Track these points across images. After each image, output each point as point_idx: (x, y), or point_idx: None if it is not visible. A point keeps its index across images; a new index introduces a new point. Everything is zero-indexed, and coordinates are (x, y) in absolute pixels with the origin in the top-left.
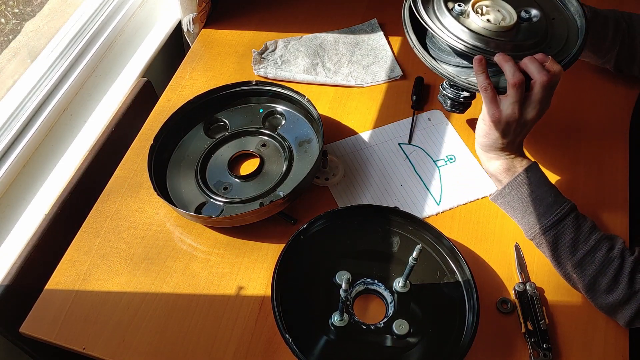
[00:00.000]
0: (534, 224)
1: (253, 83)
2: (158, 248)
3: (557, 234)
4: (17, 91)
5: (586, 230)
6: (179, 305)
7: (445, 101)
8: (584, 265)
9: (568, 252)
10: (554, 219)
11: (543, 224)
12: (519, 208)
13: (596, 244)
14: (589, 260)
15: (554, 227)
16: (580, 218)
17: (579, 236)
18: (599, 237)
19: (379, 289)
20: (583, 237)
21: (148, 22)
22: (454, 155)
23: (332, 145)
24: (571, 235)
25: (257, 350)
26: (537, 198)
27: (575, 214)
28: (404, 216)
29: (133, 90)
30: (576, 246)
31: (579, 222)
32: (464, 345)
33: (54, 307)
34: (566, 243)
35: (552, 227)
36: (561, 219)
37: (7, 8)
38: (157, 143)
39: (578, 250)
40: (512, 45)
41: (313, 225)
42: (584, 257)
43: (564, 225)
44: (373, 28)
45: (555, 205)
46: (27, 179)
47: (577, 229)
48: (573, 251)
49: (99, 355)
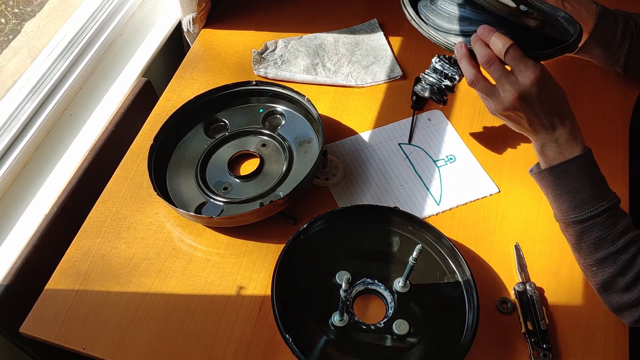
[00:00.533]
0: (563, 213)
1: (253, 83)
2: (158, 248)
3: (583, 229)
4: (17, 91)
5: (618, 231)
6: (179, 305)
7: (423, 89)
8: (605, 264)
9: (591, 249)
10: (583, 216)
11: (570, 217)
12: (553, 193)
13: (624, 246)
14: (611, 260)
15: (580, 223)
16: (615, 217)
17: (607, 236)
18: (629, 240)
19: (379, 289)
20: (612, 237)
21: (148, 22)
22: (454, 155)
23: (332, 145)
24: (598, 234)
25: (257, 350)
26: (573, 191)
27: (609, 213)
28: (404, 216)
29: (133, 90)
30: (601, 244)
31: (612, 221)
32: (464, 345)
33: (54, 307)
34: (591, 240)
35: (579, 223)
36: (590, 218)
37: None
38: (157, 143)
39: (602, 248)
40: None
41: (313, 225)
42: (607, 256)
43: (593, 224)
44: (373, 28)
45: (590, 203)
46: (27, 179)
47: (607, 228)
48: (597, 248)
49: (99, 355)
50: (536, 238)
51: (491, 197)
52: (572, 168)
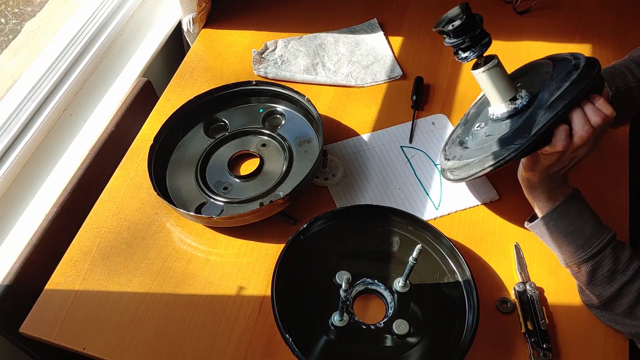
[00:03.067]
0: (571, 255)
1: (253, 83)
2: (158, 248)
3: (595, 265)
4: (17, 91)
5: (625, 261)
6: (179, 305)
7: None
8: (622, 295)
9: (605, 283)
10: (593, 251)
11: (580, 256)
12: (556, 239)
13: (635, 274)
14: (627, 290)
15: (591, 259)
16: (619, 248)
17: (617, 267)
18: (637, 267)
19: (379, 289)
20: (621, 267)
21: (148, 22)
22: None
23: (333, 145)
24: (609, 267)
25: (257, 350)
26: (576, 230)
27: (613, 244)
28: (404, 216)
29: (133, 90)
30: (614, 277)
31: (617, 252)
32: (464, 345)
33: (54, 307)
34: (604, 274)
35: (590, 259)
36: (599, 252)
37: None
38: (157, 143)
39: (616, 280)
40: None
41: (313, 225)
42: (622, 287)
43: (602, 257)
44: (373, 28)
45: (594, 237)
46: (27, 179)
47: (616, 260)
48: (611, 281)
49: (99, 355)
50: (536, 238)
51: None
52: (569, 207)
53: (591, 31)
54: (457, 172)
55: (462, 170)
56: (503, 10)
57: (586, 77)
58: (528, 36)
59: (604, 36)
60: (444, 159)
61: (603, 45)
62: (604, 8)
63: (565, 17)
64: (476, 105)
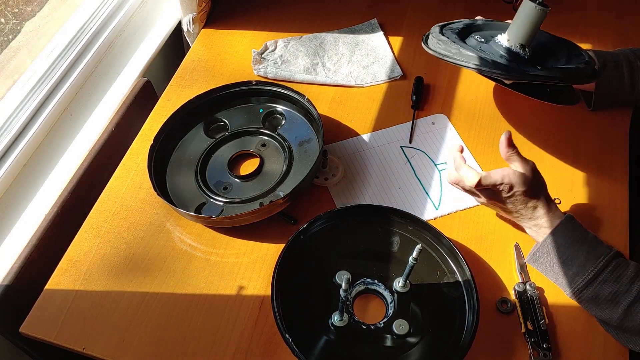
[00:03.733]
0: (569, 285)
1: (253, 83)
2: (158, 248)
3: (595, 290)
4: (17, 91)
5: (627, 280)
6: (179, 305)
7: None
8: (632, 315)
9: (611, 305)
10: (588, 277)
11: (578, 284)
12: (552, 270)
13: (639, 293)
14: (635, 310)
15: (589, 285)
16: (620, 267)
17: (619, 288)
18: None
19: (379, 289)
20: (624, 287)
21: (148, 22)
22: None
23: (333, 145)
24: (610, 289)
25: (257, 350)
26: (569, 259)
27: (612, 266)
28: (404, 216)
29: (133, 90)
30: (618, 299)
31: (619, 272)
32: (464, 345)
33: (54, 307)
34: (607, 297)
35: (588, 286)
36: (596, 276)
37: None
38: (157, 143)
39: (621, 301)
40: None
41: (313, 225)
42: (628, 308)
43: (601, 281)
44: (373, 28)
45: (590, 262)
46: (27, 179)
47: (616, 280)
48: (616, 303)
49: (99, 355)
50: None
51: None
52: (557, 237)
53: (591, 31)
54: (441, 45)
55: (444, 48)
56: (503, 10)
57: (579, 76)
58: None
59: (604, 36)
60: (438, 31)
61: (603, 45)
62: (604, 8)
63: (565, 17)
64: (486, 22)
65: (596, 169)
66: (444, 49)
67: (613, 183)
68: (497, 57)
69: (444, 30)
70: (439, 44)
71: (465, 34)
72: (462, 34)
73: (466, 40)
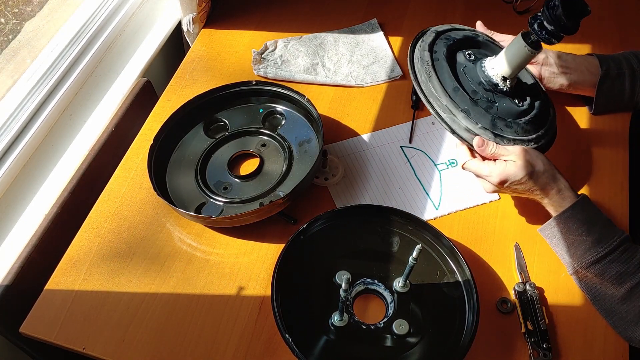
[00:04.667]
0: (579, 258)
1: (253, 83)
2: (158, 248)
3: (603, 267)
4: (17, 91)
5: (636, 263)
6: (179, 305)
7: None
8: (634, 296)
9: (615, 284)
10: (600, 254)
11: (588, 258)
12: (565, 241)
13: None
14: (637, 292)
15: (598, 261)
16: (630, 250)
17: (627, 269)
18: None
19: (379, 289)
20: (632, 269)
21: (148, 22)
22: (456, 160)
23: (333, 145)
24: (617, 269)
25: (257, 350)
26: (584, 233)
27: (623, 247)
28: (404, 216)
29: (133, 90)
30: (623, 278)
31: (628, 254)
32: (464, 345)
33: (54, 307)
34: (612, 276)
35: (597, 262)
36: (607, 254)
37: (7, 8)
38: (157, 143)
39: (625, 282)
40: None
41: (313, 225)
42: (632, 288)
43: (611, 260)
44: (373, 28)
45: (603, 241)
46: (27, 179)
47: (625, 262)
48: (620, 282)
49: (99, 355)
50: (536, 238)
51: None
52: (576, 212)
53: (591, 31)
54: (418, 64)
55: (419, 68)
56: (503, 10)
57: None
58: None
59: (604, 36)
60: (431, 40)
61: (603, 45)
62: (604, 8)
63: None
64: (486, 39)
65: (596, 169)
66: (418, 70)
67: (613, 183)
68: (474, 83)
69: (439, 40)
70: (418, 61)
71: (459, 47)
72: (457, 45)
73: (457, 53)
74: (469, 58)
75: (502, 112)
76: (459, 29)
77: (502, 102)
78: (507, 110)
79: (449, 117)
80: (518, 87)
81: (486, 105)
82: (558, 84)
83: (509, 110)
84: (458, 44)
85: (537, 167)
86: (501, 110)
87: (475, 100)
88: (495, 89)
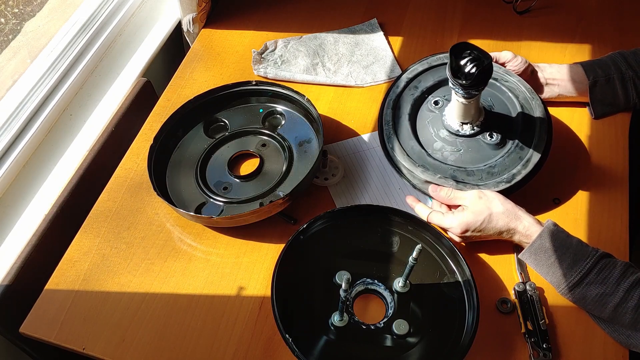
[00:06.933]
0: (559, 285)
1: (253, 83)
2: (158, 248)
3: (582, 292)
4: (17, 91)
5: (613, 282)
6: (179, 305)
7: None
8: (619, 316)
9: (598, 307)
10: (575, 279)
11: (563, 286)
12: (542, 271)
13: (625, 294)
14: (622, 311)
15: (576, 286)
16: (607, 268)
17: (606, 289)
18: (627, 287)
19: (379, 289)
20: (610, 289)
21: (148, 22)
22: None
23: (333, 145)
24: (597, 291)
25: (257, 350)
26: (555, 262)
27: (598, 268)
28: (404, 216)
29: (133, 90)
30: (604, 299)
31: (605, 274)
32: (464, 345)
33: (54, 307)
34: (594, 299)
35: (575, 287)
36: (582, 278)
37: (7, 8)
38: (157, 143)
39: (607, 303)
40: None
41: (313, 225)
42: (614, 308)
43: (588, 283)
44: (373, 28)
45: (576, 265)
46: (27, 179)
47: (602, 282)
48: (603, 304)
49: (99, 355)
50: None
51: None
52: (543, 242)
53: (591, 31)
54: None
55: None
56: (503, 10)
57: None
58: (528, 36)
59: (604, 36)
60: (404, 83)
61: (603, 45)
62: (603, 8)
63: (565, 17)
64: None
65: (596, 169)
66: (384, 128)
67: (613, 183)
68: (437, 135)
69: (406, 91)
70: (383, 120)
71: (429, 93)
72: (425, 94)
73: (423, 104)
74: (437, 106)
75: (467, 157)
76: (442, 64)
77: (469, 144)
78: (477, 150)
79: (409, 173)
80: (492, 120)
81: (447, 156)
82: (547, 95)
83: (478, 151)
84: (427, 91)
85: (495, 209)
86: (467, 154)
87: (431, 154)
88: (458, 135)
